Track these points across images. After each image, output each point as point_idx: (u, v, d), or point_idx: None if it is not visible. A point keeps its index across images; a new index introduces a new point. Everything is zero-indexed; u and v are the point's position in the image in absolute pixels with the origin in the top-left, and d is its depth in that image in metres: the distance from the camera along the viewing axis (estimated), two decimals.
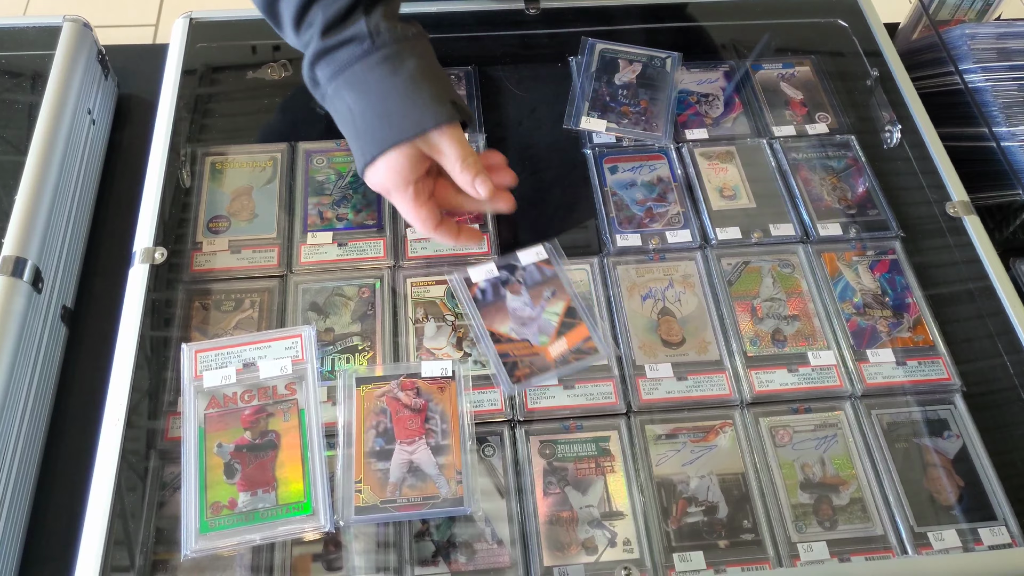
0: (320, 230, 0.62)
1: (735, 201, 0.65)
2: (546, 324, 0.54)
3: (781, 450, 0.53)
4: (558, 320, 0.54)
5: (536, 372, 0.52)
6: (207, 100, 0.69)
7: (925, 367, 0.57)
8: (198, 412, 0.49)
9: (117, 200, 0.68)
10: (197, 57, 0.70)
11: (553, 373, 0.52)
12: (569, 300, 0.55)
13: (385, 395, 0.50)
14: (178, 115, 0.65)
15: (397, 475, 0.47)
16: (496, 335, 0.53)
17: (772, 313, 0.59)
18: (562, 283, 0.55)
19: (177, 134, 0.64)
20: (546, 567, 0.48)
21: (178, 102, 0.66)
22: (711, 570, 0.48)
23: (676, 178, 0.66)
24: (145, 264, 0.56)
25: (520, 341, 0.53)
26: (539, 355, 0.53)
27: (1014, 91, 0.65)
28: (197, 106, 0.68)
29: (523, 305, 0.55)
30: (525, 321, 0.54)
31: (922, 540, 0.50)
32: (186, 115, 0.66)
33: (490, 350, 0.53)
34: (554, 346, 0.53)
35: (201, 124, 0.68)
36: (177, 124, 0.65)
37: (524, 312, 0.55)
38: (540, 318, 0.54)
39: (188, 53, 0.69)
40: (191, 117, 0.67)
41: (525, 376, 0.52)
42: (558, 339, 0.53)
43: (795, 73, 0.73)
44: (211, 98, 0.69)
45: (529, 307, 0.55)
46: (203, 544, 0.44)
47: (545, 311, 0.54)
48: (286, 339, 0.51)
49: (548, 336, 0.53)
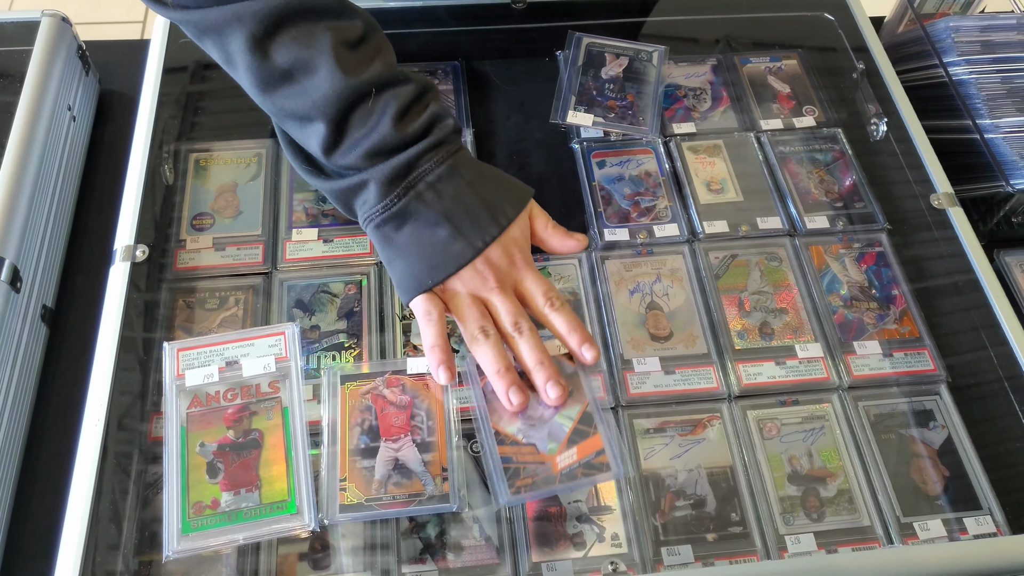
0: (305, 227, 0.61)
1: (722, 195, 0.64)
2: (557, 429, 0.48)
3: (769, 443, 0.53)
4: (571, 426, 0.48)
5: (538, 485, 0.46)
6: (191, 96, 0.68)
7: (911, 359, 0.57)
8: (180, 411, 0.48)
9: (99, 198, 0.67)
10: (181, 52, 0.69)
11: (555, 489, 0.47)
12: (587, 404, 0.49)
13: (370, 392, 0.49)
14: (160, 111, 0.64)
15: (382, 472, 0.47)
16: (501, 435, 0.48)
17: (759, 306, 0.59)
18: (581, 382, 0.49)
19: (159, 130, 0.63)
20: (534, 563, 0.48)
21: (161, 98, 0.65)
22: (699, 563, 0.48)
23: (664, 172, 0.66)
24: (126, 262, 0.56)
25: (526, 446, 0.47)
26: (545, 464, 0.47)
27: (997, 83, 0.66)
28: (181, 102, 0.67)
29: (536, 404, 0.49)
30: (535, 423, 0.48)
31: (908, 530, 0.50)
32: (169, 111, 0.66)
33: (492, 452, 0.47)
34: (563, 456, 0.47)
35: (185, 120, 0.67)
36: (160, 120, 0.64)
37: (536, 412, 0.49)
38: (552, 421, 0.48)
39: (171, 48, 0.68)
40: (174, 113, 0.66)
41: (526, 488, 0.46)
42: (568, 449, 0.47)
43: (782, 67, 0.73)
44: (195, 94, 0.69)
45: (542, 406, 0.49)
46: (185, 545, 0.44)
47: (559, 414, 0.48)
48: (269, 337, 0.50)
49: (558, 444, 0.47)
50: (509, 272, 0.50)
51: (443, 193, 0.49)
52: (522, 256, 0.50)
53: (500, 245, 0.49)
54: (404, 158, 0.48)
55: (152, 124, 0.63)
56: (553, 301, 0.50)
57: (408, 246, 0.49)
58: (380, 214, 0.49)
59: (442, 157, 0.49)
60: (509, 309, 0.49)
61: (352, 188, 0.49)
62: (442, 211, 0.48)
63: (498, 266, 0.49)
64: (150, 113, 0.63)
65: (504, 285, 0.49)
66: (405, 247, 0.49)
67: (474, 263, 0.49)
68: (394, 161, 0.48)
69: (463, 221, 0.48)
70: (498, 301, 0.49)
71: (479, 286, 0.49)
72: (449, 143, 0.50)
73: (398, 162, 0.48)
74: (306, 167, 0.53)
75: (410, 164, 0.48)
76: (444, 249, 0.48)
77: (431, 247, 0.48)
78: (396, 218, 0.49)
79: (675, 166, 0.66)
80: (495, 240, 0.49)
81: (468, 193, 0.49)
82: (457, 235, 0.48)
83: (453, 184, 0.49)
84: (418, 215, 0.48)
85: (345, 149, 0.49)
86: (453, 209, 0.48)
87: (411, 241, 0.49)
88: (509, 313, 0.49)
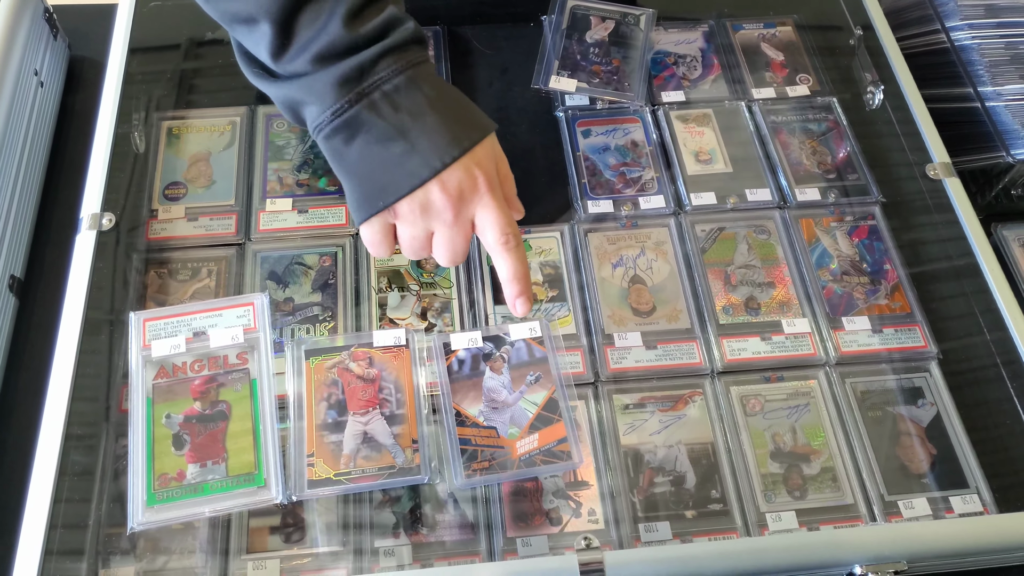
0: (280, 196, 0.60)
1: (711, 166, 0.62)
2: (520, 415, 0.47)
3: (752, 419, 0.52)
4: (535, 412, 0.47)
5: (495, 470, 0.45)
6: (163, 63, 0.66)
7: (901, 335, 0.55)
8: (146, 382, 0.47)
9: (70, 167, 0.65)
10: (153, 19, 0.66)
11: (512, 475, 0.46)
12: (553, 390, 0.48)
13: (336, 367, 0.48)
14: (131, 78, 0.62)
15: (351, 446, 0.46)
16: (461, 416, 0.47)
17: (746, 280, 0.57)
18: (551, 369, 0.49)
19: (129, 97, 0.61)
20: (508, 538, 0.47)
21: (132, 65, 0.63)
22: (677, 540, 0.47)
23: (651, 142, 0.63)
24: (92, 231, 0.54)
25: (486, 428, 0.47)
26: (504, 449, 0.46)
27: (1001, 49, 0.63)
28: (153, 69, 0.65)
29: (500, 387, 0.48)
30: (498, 406, 0.48)
31: (892, 509, 0.49)
32: (141, 78, 0.64)
33: (450, 433, 0.46)
34: (523, 442, 0.46)
35: (156, 87, 0.65)
36: (130, 87, 0.62)
37: (500, 395, 0.48)
38: (516, 406, 0.48)
39: (142, 14, 0.66)
40: (146, 80, 0.64)
41: (481, 471, 0.45)
42: (529, 435, 0.47)
43: (776, 33, 0.70)
44: (167, 60, 0.66)
45: (507, 390, 0.48)
46: (150, 516, 0.43)
47: (524, 398, 0.48)
48: (238, 307, 0.49)
49: (519, 429, 0.47)
50: (470, 200, 0.45)
51: (400, 105, 0.44)
52: (486, 182, 0.45)
53: (462, 168, 0.44)
54: (356, 61, 0.43)
55: (119, 90, 0.61)
56: (508, 239, 0.45)
57: (358, 162, 0.44)
58: (329, 122, 0.44)
59: (401, 66, 0.44)
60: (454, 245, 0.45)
61: (300, 93, 0.45)
62: (397, 125, 0.43)
63: (457, 193, 0.44)
64: (117, 78, 0.61)
65: (460, 217, 0.45)
66: (355, 163, 0.45)
67: (428, 186, 0.44)
68: (344, 64, 0.43)
69: (420, 138, 0.43)
70: (447, 236, 0.45)
71: (433, 215, 0.45)
72: (409, 51, 0.45)
73: (349, 65, 0.43)
74: (255, 69, 0.48)
75: (363, 68, 0.43)
76: (397, 167, 0.43)
77: (383, 164, 0.44)
78: (346, 128, 0.44)
79: (663, 136, 0.64)
80: (456, 162, 0.44)
81: (429, 109, 0.44)
82: (412, 152, 0.43)
83: (411, 97, 0.44)
84: (371, 127, 0.43)
85: (293, 52, 0.44)
86: (410, 124, 0.43)
87: (362, 157, 0.44)
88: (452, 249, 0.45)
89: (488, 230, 0.46)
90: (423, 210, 0.45)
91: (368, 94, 0.44)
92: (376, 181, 0.44)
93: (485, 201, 0.45)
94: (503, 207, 0.46)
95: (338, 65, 0.43)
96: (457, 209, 0.45)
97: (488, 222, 0.46)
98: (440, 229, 0.46)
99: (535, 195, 0.61)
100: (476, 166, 0.45)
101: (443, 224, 0.45)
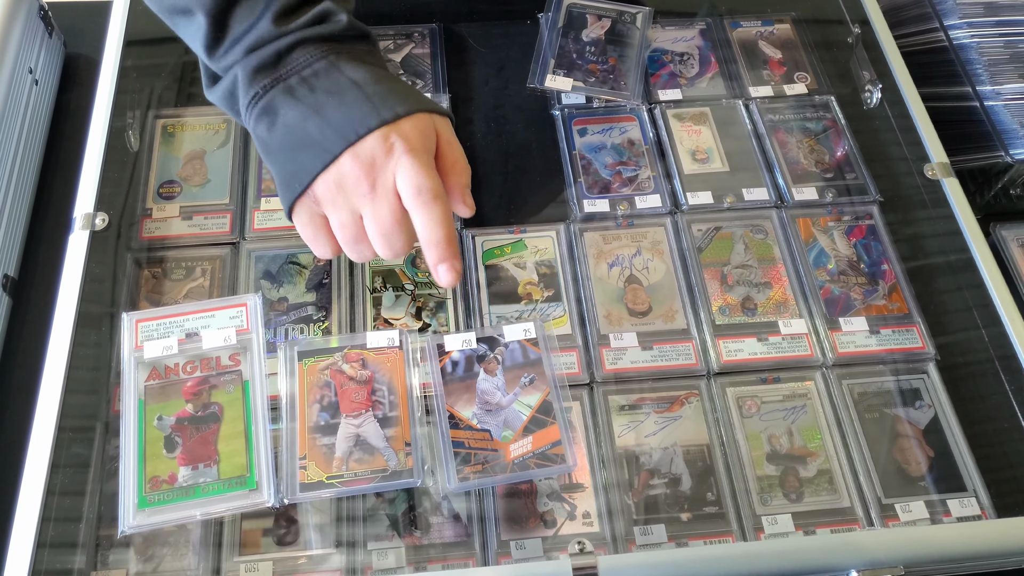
0: (274, 195, 0.59)
1: (708, 165, 0.62)
2: (514, 417, 0.47)
3: (748, 421, 0.52)
4: (529, 414, 0.47)
5: (488, 473, 0.45)
6: (158, 60, 0.66)
7: (899, 335, 0.55)
8: (138, 384, 0.47)
9: (65, 166, 0.65)
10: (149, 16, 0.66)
11: (506, 478, 0.46)
12: (547, 392, 0.48)
13: (329, 368, 0.48)
14: (127, 76, 0.62)
15: (343, 449, 0.45)
16: (455, 418, 0.47)
17: (743, 280, 0.57)
18: (545, 370, 0.48)
19: (124, 95, 0.61)
20: (503, 540, 0.47)
21: (127, 63, 0.63)
22: (673, 543, 0.47)
23: (647, 141, 0.63)
24: (85, 230, 0.54)
25: (480, 431, 0.46)
26: (497, 452, 0.46)
27: (1000, 47, 0.62)
28: (148, 67, 0.65)
29: (495, 389, 0.48)
30: (492, 408, 0.47)
31: (889, 512, 0.48)
32: (136, 76, 0.63)
33: (444, 435, 0.46)
34: (517, 445, 0.46)
35: (152, 85, 0.64)
36: (126, 85, 0.62)
37: (494, 398, 0.48)
38: (510, 408, 0.47)
39: (139, 11, 0.65)
40: (142, 78, 0.64)
41: (475, 474, 0.45)
42: (523, 437, 0.46)
43: (775, 31, 0.70)
44: (162, 58, 0.66)
45: (501, 392, 0.47)
46: (141, 520, 0.43)
47: (518, 400, 0.47)
48: (231, 308, 0.49)
49: (513, 431, 0.46)
50: (383, 167, 0.40)
51: (316, 87, 0.41)
52: (405, 146, 0.40)
53: (378, 136, 0.40)
54: (273, 48, 0.42)
55: (113, 88, 0.60)
56: (422, 193, 0.40)
57: (279, 149, 0.42)
58: (250, 108, 0.42)
59: (323, 52, 0.42)
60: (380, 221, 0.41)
61: (230, 87, 0.43)
62: (313, 104, 0.41)
63: (370, 160, 0.40)
64: (112, 76, 0.61)
65: (378, 186, 0.41)
66: (276, 150, 0.42)
67: (340, 159, 0.40)
68: (263, 52, 0.42)
69: (335, 113, 0.41)
70: (370, 213, 0.41)
71: (350, 190, 0.41)
72: (337, 41, 0.43)
73: (266, 52, 0.42)
74: (206, 82, 0.46)
75: (279, 54, 0.42)
76: (312, 146, 0.41)
77: (300, 145, 0.41)
78: (266, 115, 0.42)
79: (659, 134, 0.63)
80: (371, 133, 0.40)
81: (349, 87, 0.41)
82: (326, 127, 0.40)
83: (331, 78, 0.42)
84: (288, 110, 0.41)
85: (226, 47, 0.43)
86: (326, 102, 0.41)
87: (281, 142, 0.42)
88: (379, 226, 0.41)
89: (403, 188, 0.41)
90: (339, 187, 0.41)
91: (285, 79, 0.42)
92: (294, 163, 0.42)
93: (403, 162, 0.40)
94: (425, 168, 0.41)
95: (257, 53, 0.42)
96: (372, 178, 0.40)
97: (404, 180, 0.41)
98: (363, 206, 0.41)
99: (530, 194, 0.60)
100: (396, 133, 0.41)
101: (363, 198, 0.41)
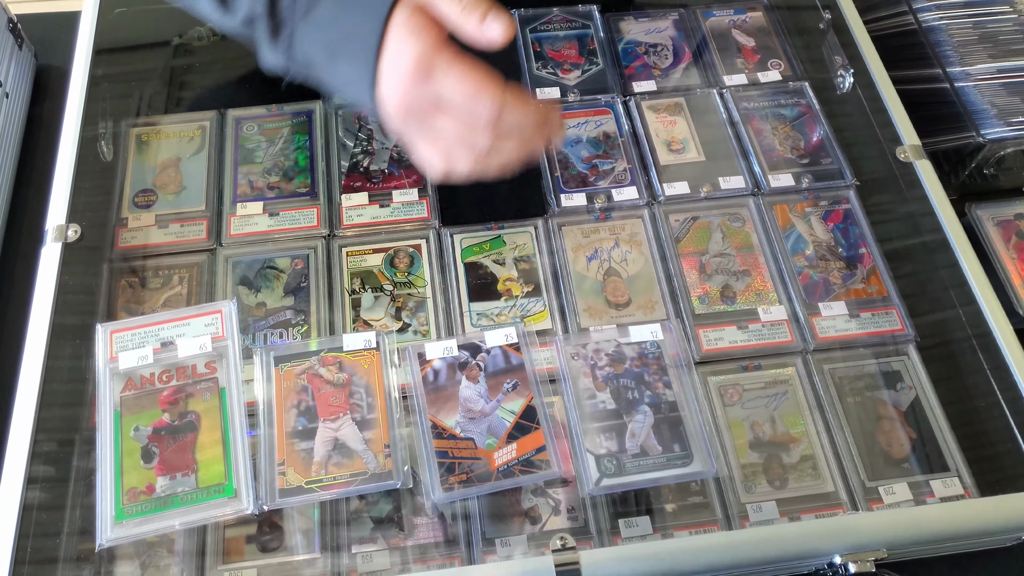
0: (250, 200, 0.59)
1: (684, 155, 0.62)
2: (498, 424, 0.46)
3: (730, 409, 0.52)
4: (513, 421, 0.47)
5: (473, 483, 0.45)
6: (130, 69, 0.65)
7: (879, 318, 0.55)
8: (114, 395, 0.46)
9: (39, 178, 0.64)
10: (119, 25, 0.65)
11: (491, 487, 0.45)
12: (531, 397, 0.47)
13: (306, 372, 0.47)
14: (98, 85, 0.62)
15: (322, 453, 0.45)
16: (438, 428, 0.46)
17: (721, 269, 0.57)
18: (527, 376, 0.48)
19: (95, 104, 0.61)
20: (487, 539, 0.46)
21: (96, 71, 0.62)
22: (658, 535, 0.47)
23: (623, 133, 0.63)
24: (58, 243, 0.53)
25: (464, 440, 0.46)
26: (482, 461, 0.45)
27: (969, 29, 0.63)
28: (119, 76, 0.64)
29: (477, 396, 0.47)
30: (475, 416, 0.47)
31: (873, 495, 0.48)
32: (108, 86, 0.63)
33: (427, 446, 0.45)
34: (501, 452, 0.45)
35: (124, 94, 0.64)
36: (95, 94, 0.61)
37: (476, 405, 0.47)
38: (493, 415, 0.47)
39: (104, 19, 0.65)
40: (114, 88, 0.63)
41: (460, 484, 0.45)
42: (507, 444, 0.46)
43: (747, 19, 0.70)
44: (134, 67, 0.66)
45: (484, 400, 0.47)
46: (119, 532, 0.42)
47: (501, 407, 0.47)
48: (205, 316, 0.48)
49: (497, 439, 0.46)
50: None
51: None
52: None
53: None
54: None
55: (84, 99, 0.60)
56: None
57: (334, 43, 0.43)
58: None
59: None
60: None
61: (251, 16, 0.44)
62: None
63: None
64: (82, 87, 0.60)
65: None
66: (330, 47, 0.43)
67: None
68: None
69: None
70: None
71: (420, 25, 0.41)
72: None
73: None
74: None
75: None
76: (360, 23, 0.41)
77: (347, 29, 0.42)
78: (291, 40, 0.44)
79: (635, 126, 0.63)
80: None
81: None
82: None
83: None
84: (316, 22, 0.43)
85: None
86: None
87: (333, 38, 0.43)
88: None
89: None
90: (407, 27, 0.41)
91: None
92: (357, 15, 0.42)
93: None
94: None
95: None
96: None
97: None
98: None
99: (508, 190, 0.60)
100: None
101: None
